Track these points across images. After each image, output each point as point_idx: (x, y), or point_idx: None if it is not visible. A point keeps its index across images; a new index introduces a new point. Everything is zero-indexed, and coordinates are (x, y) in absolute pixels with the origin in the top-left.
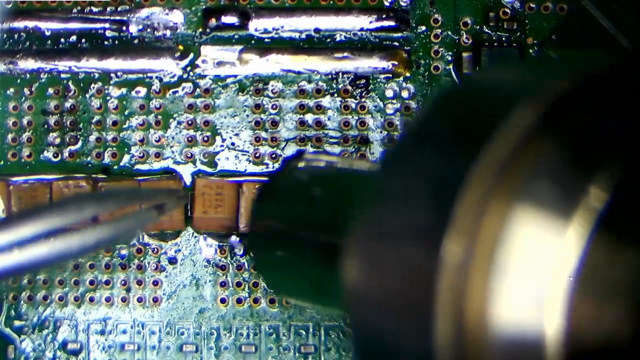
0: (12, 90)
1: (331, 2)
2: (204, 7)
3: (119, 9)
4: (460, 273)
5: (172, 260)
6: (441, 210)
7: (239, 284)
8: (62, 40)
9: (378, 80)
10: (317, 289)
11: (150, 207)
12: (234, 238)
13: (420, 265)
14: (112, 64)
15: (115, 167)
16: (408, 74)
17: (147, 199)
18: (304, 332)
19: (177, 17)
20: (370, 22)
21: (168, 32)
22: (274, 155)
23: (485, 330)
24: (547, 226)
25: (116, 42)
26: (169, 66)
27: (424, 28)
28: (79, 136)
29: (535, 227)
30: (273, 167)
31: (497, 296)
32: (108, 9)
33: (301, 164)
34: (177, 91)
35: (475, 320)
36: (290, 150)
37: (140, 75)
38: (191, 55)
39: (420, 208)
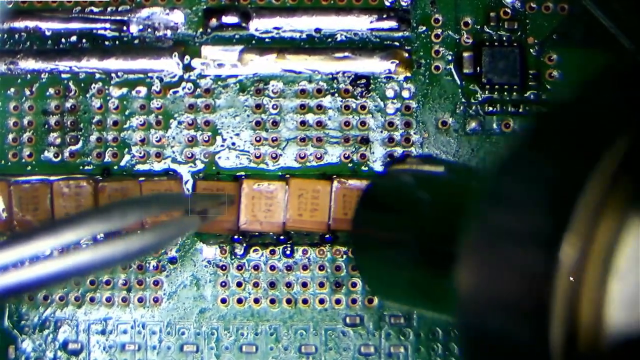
0: (12, 90)
1: (332, 2)
2: (204, 7)
3: (119, 9)
4: (575, 275)
5: (173, 260)
6: (559, 215)
7: (239, 284)
8: (63, 40)
9: (379, 80)
10: (421, 293)
11: (194, 213)
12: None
13: (537, 268)
14: (113, 64)
15: (116, 167)
16: (409, 74)
17: (191, 205)
18: (304, 332)
19: (177, 17)
20: (371, 22)
21: (169, 32)
22: (274, 155)
23: (598, 331)
24: None
25: (117, 42)
26: (169, 66)
27: (424, 28)
28: (79, 136)
29: None
30: (273, 167)
31: (611, 299)
32: (109, 9)
33: (405, 167)
34: (178, 91)
35: (590, 322)
36: (291, 150)
37: (141, 75)
38: (192, 55)
39: (538, 213)
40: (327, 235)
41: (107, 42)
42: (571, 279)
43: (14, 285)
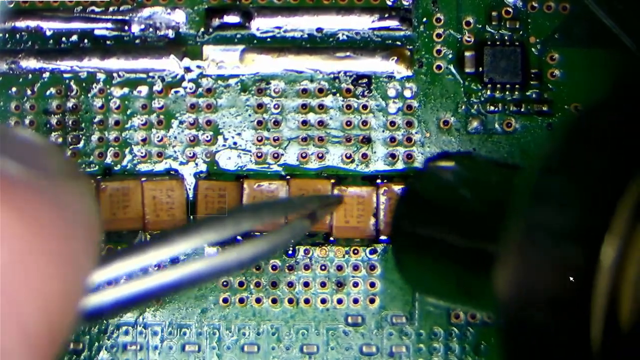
0: (14, 90)
1: (333, 1)
2: (206, 6)
3: (121, 8)
4: (615, 274)
5: (174, 260)
6: (600, 214)
7: (241, 284)
8: (64, 39)
9: (380, 79)
10: (463, 290)
11: (304, 216)
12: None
13: (578, 266)
14: (114, 63)
15: (117, 166)
16: (410, 73)
17: (300, 208)
18: (306, 332)
19: (179, 16)
20: (373, 22)
21: (170, 32)
22: (276, 155)
23: (637, 327)
24: None
25: (118, 41)
26: (171, 66)
27: (426, 27)
28: (81, 136)
29: None
30: (274, 167)
31: None
32: (110, 8)
33: (445, 164)
34: (179, 91)
35: (629, 318)
36: (293, 150)
37: (142, 75)
38: (193, 55)
39: (580, 211)
40: (331, 239)
41: (108, 42)
42: (611, 277)
43: (128, 298)
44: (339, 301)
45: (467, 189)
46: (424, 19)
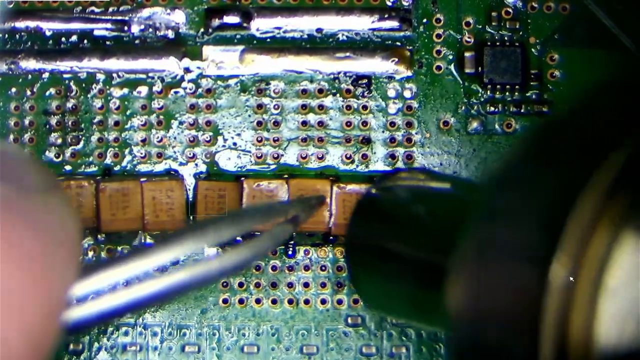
0: (13, 90)
1: (333, 1)
2: (205, 7)
3: (120, 9)
4: (565, 294)
5: (174, 261)
6: (550, 233)
7: (241, 285)
8: (64, 40)
9: (380, 80)
10: (416, 307)
11: (286, 221)
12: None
13: (528, 285)
14: (114, 64)
15: (117, 167)
16: (410, 74)
17: (282, 213)
18: (306, 333)
19: (178, 17)
20: (373, 22)
21: (170, 32)
22: (276, 156)
23: (588, 350)
24: None
25: (118, 42)
26: (170, 66)
27: (426, 27)
28: (80, 136)
29: None
30: (275, 167)
31: (601, 317)
32: (110, 9)
33: (399, 182)
34: (179, 91)
35: (580, 342)
36: (293, 151)
37: (142, 76)
38: (193, 55)
39: (531, 229)
40: (331, 237)
41: (108, 42)
42: (562, 298)
43: (109, 310)
44: (339, 302)
45: (421, 205)
46: (424, 20)
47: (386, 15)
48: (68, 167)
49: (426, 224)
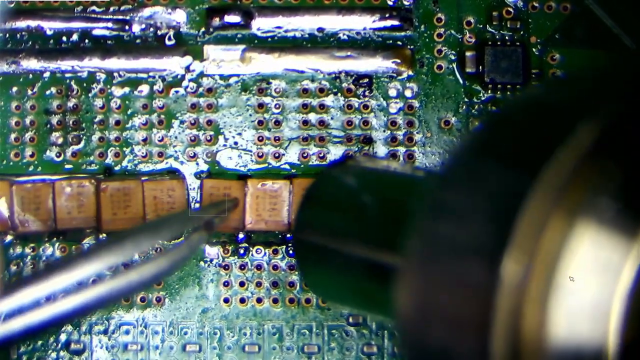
0: (14, 89)
1: (334, 1)
2: (206, 6)
3: (121, 8)
4: (517, 292)
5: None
6: (501, 227)
7: (242, 284)
8: (65, 39)
9: (381, 79)
10: (364, 298)
11: (200, 227)
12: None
13: (478, 283)
14: (115, 63)
15: (118, 166)
16: (411, 73)
17: (197, 219)
18: (307, 332)
19: (179, 16)
20: (374, 21)
21: (171, 32)
22: (277, 155)
23: (541, 348)
24: (609, 245)
25: (119, 41)
26: (171, 65)
27: (427, 27)
28: (81, 136)
29: (596, 246)
30: (276, 166)
31: (555, 314)
32: (110, 8)
33: (349, 168)
34: (180, 90)
35: (532, 338)
36: (294, 150)
37: (143, 75)
38: (194, 55)
39: (480, 224)
40: None
41: (109, 42)
42: (514, 294)
43: (31, 326)
44: None
45: (369, 194)
46: (425, 19)
47: (387, 15)
48: (69, 167)
49: (374, 216)
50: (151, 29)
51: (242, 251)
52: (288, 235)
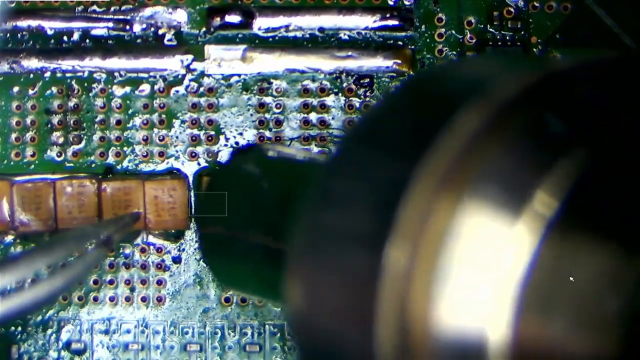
0: (15, 89)
1: (335, 1)
2: (207, 6)
3: (122, 8)
4: (402, 280)
5: (176, 260)
6: (384, 215)
7: None
8: (65, 39)
9: (382, 79)
10: (265, 285)
11: (98, 244)
12: None
13: (363, 272)
14: (116, 63)
15: (119, 166)
16: (412, 73)
17: (94, 236)
18: None
19: (180, 16)
20: (374, 21)
21: (172, 31)
22: None
23: (428, 338)
24: (493, 232)
25: (119, 41)
26: (172, 65)
27: (427, 27)
28: (82, 135)
29: (481, 233)
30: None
31: (441, 303)
32: (111, 8)
33: (252, 156)
34: (181, 90)
35: (418, 328)
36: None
37: (144, 75)
38: (195, 55)
39: (364, 212)
40: None
41: (109, 41)
42: (398, 283)
43: None
44: None
45: (267, 180)
46: (426, 19)
47: (388, 15)
48: (70, 166)
49: (272, 203)
50: (152, 29)
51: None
52: None
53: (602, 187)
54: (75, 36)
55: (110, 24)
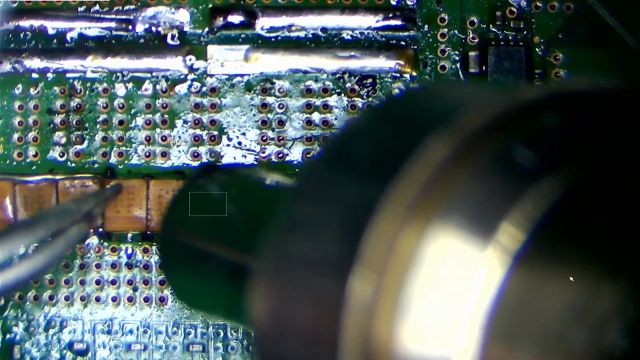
0: (18, 89)
1: (338, 1)
2: (210, 6)
3: (125, 8)
4: (366, 310)
5: None
6: (350, 242)
7: None
8: (68, 39)
9: (385, 79)
10: (228, 306)
11: (79, 219)
12: None
13: (327, 300)
14: (118, 63)
15: (121, 166)
16: (415, 73)
17: (75, 212)
18: None
19: (183, 16)
20: (377, 21)
21: (174, 31)
22: (280, 155)
23: None
24: (460, 262)
25: (122, 41)
26: (175, 65)
27: (430, 27)
28: (85, 135)
29: (447, 263)
30: (278, 165)
31: (405, 333)
32: (114, 8)
33: (218, 177)
34: (184, 90)
35: (382, 358)
36: (297, 150)
37: (147, 74)
38: (197, 55)
39: (330, 239)
40: None
41: (112, 41)
42: (362, 313)
43: None
44: None
45: (232, 205)
46: (428, 19)
47: (390, 15)
48: (72, 166)
49: (236, 224)
50: (154, 29)
51: None
52: None
53: (572, 217)
54: (78, 36)
55: (113, 24)
